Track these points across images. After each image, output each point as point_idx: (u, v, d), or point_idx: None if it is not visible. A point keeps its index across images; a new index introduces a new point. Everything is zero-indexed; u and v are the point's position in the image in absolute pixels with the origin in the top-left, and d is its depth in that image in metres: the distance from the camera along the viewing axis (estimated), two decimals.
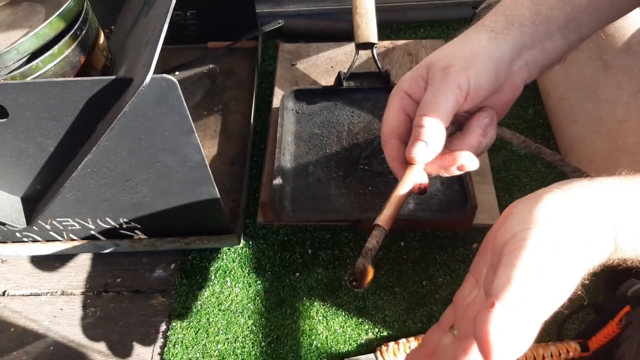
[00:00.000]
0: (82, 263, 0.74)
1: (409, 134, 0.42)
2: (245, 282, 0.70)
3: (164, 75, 0.48)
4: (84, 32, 0.60)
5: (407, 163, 0.41)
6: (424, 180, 0.42)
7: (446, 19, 1.04)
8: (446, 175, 0.42)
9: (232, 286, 0.70)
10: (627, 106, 0.64)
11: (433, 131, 0.39)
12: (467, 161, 0.40)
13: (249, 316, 0.67)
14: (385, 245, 0.71)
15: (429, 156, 0.40)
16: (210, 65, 0.97)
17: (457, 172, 0.41)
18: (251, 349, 0.64)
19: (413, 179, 0.41)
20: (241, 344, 0.65)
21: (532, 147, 0.45)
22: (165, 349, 0.65)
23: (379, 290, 0.68)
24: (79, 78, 0.51)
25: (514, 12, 0.41)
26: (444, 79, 0.39)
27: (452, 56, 0.40)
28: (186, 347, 0.65)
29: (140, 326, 0.68)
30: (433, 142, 0.39)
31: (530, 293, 0.29)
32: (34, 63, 0.55)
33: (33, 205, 0.65)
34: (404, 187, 0.40)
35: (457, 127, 0.43)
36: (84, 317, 0.69)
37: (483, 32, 0.41)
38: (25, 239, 0.72)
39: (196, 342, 0.65)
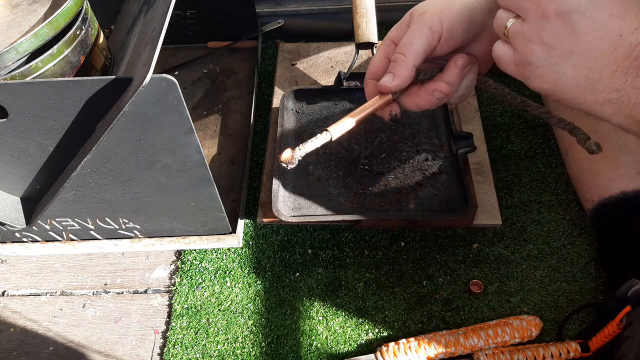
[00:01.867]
0: (82, 263, 0.74)
1: None
2: (245, 282, 0.70)
3: (164, 75, 0.48)
4: (83, 31, 0.60)
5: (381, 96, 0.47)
6: (395, 109, 0.48)
7: None
8: (421, 108, 0.47)
9: (232, 286, 0.70)
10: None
11: (402, 66, 0.44)
12: (441, 88, 0.45)
13: (249, 316, 0.67)
14: (385, 245, 0.71)
15: (396, 86, 0.45)
16: (210, 65, 0.97)
17: (432, 104, 0.46)
18: (251, 349, 0.64)
19: (378, 103, 0.46)
20: (241, 344, 0.65)
21: (517, 99, 0.47)
22: (165, 349, 0.65)
23: (379, 290, 0.68)
24: (78, 78, 0.51)
25: None
26: (419, 22, 0.45)
27: (430, 4, 0.45)
28: (186, 348, 0.65)
29: (139, 326, 0.68)
30: (400, 74, 0.45)
31: None
32: (33, 63, 0.55)
33: (33, 205, 0.64)
34: (365, 107, 0.46)
35: (439, 70, 0.47)
36: (83, 317, 0.69)
37: None
38: (24, 239, 0.72)
39: (196, 342, 0.65)
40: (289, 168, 0.44)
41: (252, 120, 0.86)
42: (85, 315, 0.69)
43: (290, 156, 0.43)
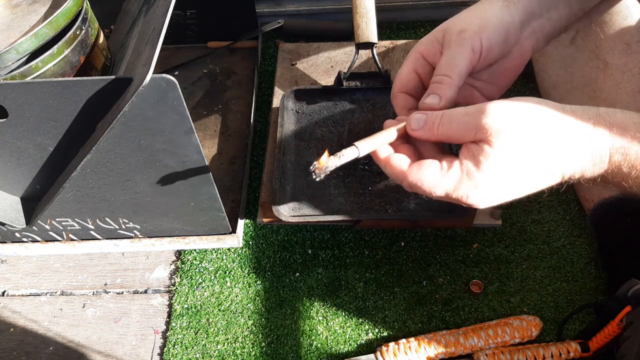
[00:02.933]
0: (82, 263, 0.74)
1: (416, 90, 0.47)
2: (245, 282, 0.70)
3: (164, 75, 0.48)
4: (83, 31, 0.60)
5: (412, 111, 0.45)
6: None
7: (446, 19, 1.03)
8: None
9: (232, 286, 0.70)
10: (627, 106, 0.64)
11: (449, 88, 0.43)
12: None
13: (248, 316, 0.67)
14: (385, 245, 0.71)
15: (443, 107, 0.44)
16: (210, 65, 0.97)
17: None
18: (251, 349, 0.64)
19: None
20: (241, 344, 0.65)
21: None
22: (165, 349, 0.65)
23: (379, 290, 0.68)
24: (78, 78, 0.51)
25: None
26: (459, 42, 0.44)
27: (466, 21, 0.45)
28: (186, 348, 0.65)
29: (139, 326, 0.68)
30: (447, 96, 0.43)
31: None
32: (33, 63, 0.55)
33: (33, 205, 0.64)
34: (396, 128, 0.45)
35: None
36: (83, 317, 0.69)
37: (495, 0, 0.46)
38: (24, 239, 0.72)
39: (196, 342, 0.65)
40: (317, 178, 0.43)
41: (252, 120, 0.86)
42: (85, 315, 0.69)
43: (322, 168, 0.42)
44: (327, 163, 0.42)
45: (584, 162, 0.38)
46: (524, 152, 0.38)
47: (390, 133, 0.44)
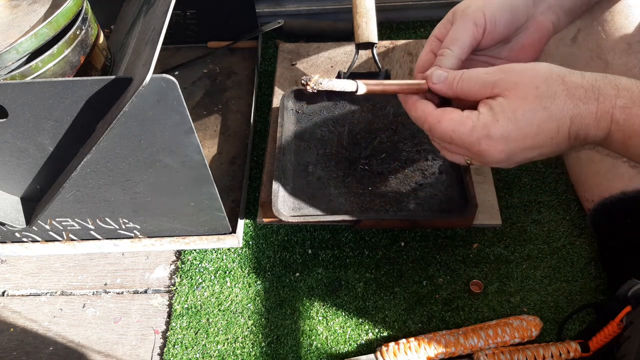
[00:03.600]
0: (82, 263, 0.74)
1: None
2: (245, 282, 0.70)
3: (164, 75, 0.48)
4: (83, 31, 0.60)
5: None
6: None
7: None
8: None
9: (232, 286, 0.70)
10: None
11: (448, 59, 0.46)
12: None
13: (248, 316, 0.67)
14: (385, 245, 0.71)
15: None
16: (210, 65, 0.97)
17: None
18: (251, 350, 0.64)
19: (414, 87, 0.46)
20: (241, 345, 0.65)
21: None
22: (165, 349, 0.65)
23: (379, 290, 0.68)
24: (78, 78, 0.51)
25: None
26: (462, 17, 0.47)
27: (472, 0, 0.47)
28: (186, 348, 0.65)
29: (139, 326, 0.68)
30: (446, 65, 0.46)
31: None
32: (33, 63, 0.55)
33: (33, 205, 0.64)
34: (400, 83, 0.47)
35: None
36: (83, 317, 0.69)
37: None
38: (24, 239, 0.72)
39: (196, 342, 0.65)
40: (307, 89, 0.45)
41: (252, 120, 0.86)
42: (85, 315, 0.69)
43: (314, 80, 0.44)
44: (320, 79, 0.44)
45: (588, 119, 0.40)
46: (535, 105, 0.40)
47: (395, 84, 0.46)
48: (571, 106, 0.39)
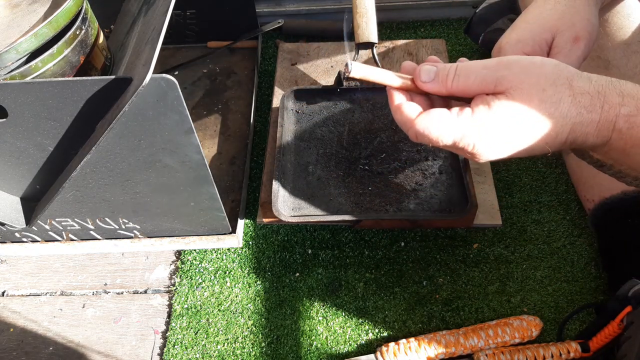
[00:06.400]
0: (82, 263, 0.74)
1: None
2: (245, 282, 0.70)
3: (164, 74, 0.48)
4: (83, 31, 0.60)
5: None
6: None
7: (446, 19, 1.04)
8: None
9: (232, 286, 0.70)
10: None
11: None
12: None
13: (248, 316, 0.67)
14: (385, 245, 0.71)
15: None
16: (210, 65, 0.97)
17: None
18: (251, 350, 0.64)
19: (408, 83, 0.43)
20: (241, 345, 0.65)
21: None
22: (165, 349, 0.65)
23: (379, 290, 0.68)
24: (78, 78, 0.51)
25: None
26: (575, 52, 0.48)
27: (575, 25, 0.48)
28: (186, 348, 0.65)
29: (139, 326, 0.68)
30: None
31: None
32: (33, 63, 0.55)
33: (32, 205, 0.64)
34: (395, 76, 0.43)
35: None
36: (83, 318, 0.69)
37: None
38: (24, 239, 0.72)
39: (196, 342, 0.65)
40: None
41: (252, 120, 0.86)
42: (85, 315, 0.69)
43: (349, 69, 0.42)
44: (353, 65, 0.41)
45: (590, 128, 0.39)
46: (539, 110, 0.38)
47: (390, 75, 0.42)
48: (574, 114, 0.38)
